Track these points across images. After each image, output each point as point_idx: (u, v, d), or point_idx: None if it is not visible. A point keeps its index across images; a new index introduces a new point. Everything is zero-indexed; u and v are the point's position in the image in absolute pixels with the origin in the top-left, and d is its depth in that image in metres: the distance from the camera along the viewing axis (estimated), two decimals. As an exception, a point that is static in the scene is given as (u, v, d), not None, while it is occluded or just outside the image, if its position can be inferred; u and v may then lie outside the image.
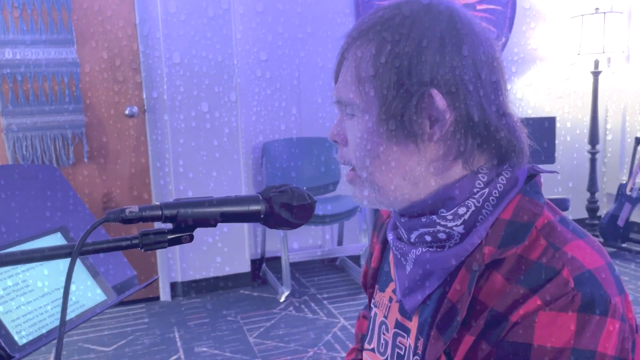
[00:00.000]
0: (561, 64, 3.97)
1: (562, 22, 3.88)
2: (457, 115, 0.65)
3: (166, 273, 3.10)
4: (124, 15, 2.91)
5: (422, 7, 0.67)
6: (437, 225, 0.69)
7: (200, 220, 0.65)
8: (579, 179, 4.08)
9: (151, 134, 3.00)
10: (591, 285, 0.61)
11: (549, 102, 4.00)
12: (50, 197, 1.14)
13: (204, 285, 3.16)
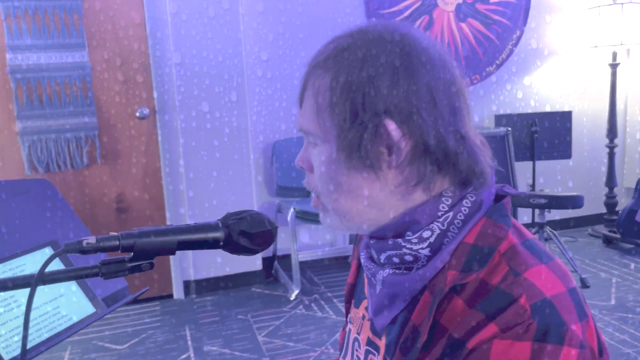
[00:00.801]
0: (578, 56, 3.88)
1: (578, 14, 3.78)
2: (413, 143, 0.65)
3: (179, 271, 3.16)
4: (133, 18, 2.95)
5: (377, 37, 0.66)
6: (403, 248, 0.69)
7: (157, 249, 0.66)
8: (597, 174, 4.00)
9: (162, 135, 3.04)
10: (547, 313, 0.60)
11: (565, 96, 3.92)
12: (42, 211, 1.17)
13: (216, 284, 3.21)
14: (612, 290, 2.97)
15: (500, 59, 3.80)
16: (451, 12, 3.66)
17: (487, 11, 3.73)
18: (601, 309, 2.77)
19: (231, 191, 3.11)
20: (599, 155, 3.97)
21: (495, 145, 3.45)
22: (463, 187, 0.68)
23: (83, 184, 2.98)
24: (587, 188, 4.00)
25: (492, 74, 3.80)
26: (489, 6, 3.73)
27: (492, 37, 3.76)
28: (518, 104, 3.86)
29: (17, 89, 2.80)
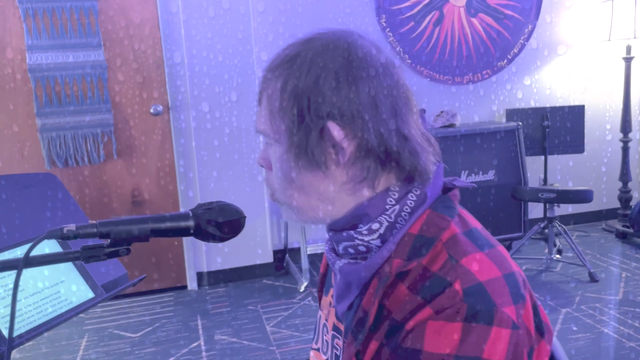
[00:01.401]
0: (591, 50, 3.84)
1: (592, 7, 3.75)
2: (356, 144, 0.70)
3: (193, 263, 3.25)
4: (147, 18, 3.04)
5: (323, 45, 0.72)
6: (355, 239, 0.74)
7: (132, 236, 0.73)
8: (610, 168, 3.97)
9: (175, 131, 3.13)
10: (478, 296, 0.65)
11: (578, 90, 3.89)
12: (48, 203, 1.25)
13: (228, 275, 3.30)
14: (621, 284, 2.96)
15: (511, 54, 3.79)
16: (462, 8, 3.66)
17: (499, 6, 3.72)
18: (607, 302, 2.77)
19: (244, 186, 3.19)
20: (613, 149, 3.93)
21: (506, 139, 3.45)
22: (408, 182, 0.73)
23: (100, 179, 3.10)
24: (600, 183, 3.97)
25: (504, 69, 3.80)
26: (501, 1, 3.72)
27: (503, 32, 3.75)
28: (530, 98, 3.85)
29: (37, 88, 2.92)
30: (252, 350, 2.49)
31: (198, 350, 2.52)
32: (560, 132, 3.60)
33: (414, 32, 3.61)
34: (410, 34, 3.61)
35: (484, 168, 3.42)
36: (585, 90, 3.89)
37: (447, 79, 3.72)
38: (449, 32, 3.67)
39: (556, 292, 2.94)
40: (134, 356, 2.50)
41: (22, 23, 2.88)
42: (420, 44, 3.64)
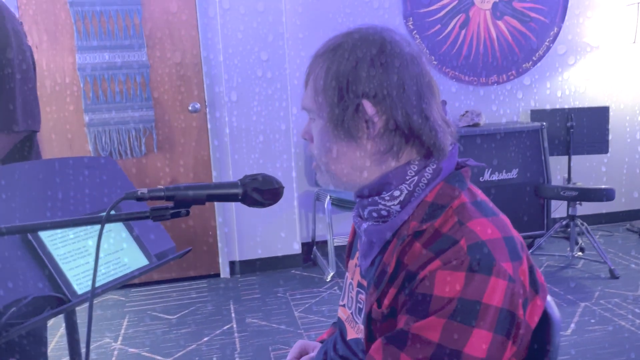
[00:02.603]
0: (617, 52, 3.89)
1: (617, 10, 3.80)
2: (385, 120, 0.85)
3: (226, 253, 3.44)
4: (187, 20, 3.24)
5: (361, 37, 0.87)
6: (379, 204, 0.89)
7: (191, 199, 0.89)
8: (636, 169, 4.00)
9: (212, 127, 3.32)
10: (480, 251, 0.78)
11: (603, 92, 3.94)
12: (107, 183, 1.43)
13: (259, 265, 3.47)
14: (641, 281, 3.02)
15: (537, 55, 3.86)
16: (488, 11, 3.76)
17: (524, 9, 3.80)
18: (626, 298, 2.83)
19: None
20: (638, 150, 3.97)
21: (530, 139, 3.54)
22: (427, 157, 0.87)
23: (141, 171, 3.31)
24: (626, 183, 4.01)
25: (529, 70, 3.88)
26: (526, 4, 3.80)
27: (528, 34, 3.84)
28: (555, 99, 3.92)
29: (85, 86, 3.14)
30: (280, 333, 2.64)
31: (231, 331, 2.70)
32: (584, 133, 3.66)
33: (440, 35, 3.73)
34: (437, 36, 3.73)
35: (507, 167, 3.51)
36: (610, 91, 3.94)
37: (472, 80, 3.82)
38: (475, 35, 3.78)
39: (576, 287, 3.02)
40: (171, 335, 2.69)
41: (72, 25, 3.10)
42: (447, 45, 3.75)
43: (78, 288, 1.17)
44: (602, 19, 3.85)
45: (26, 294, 1.05)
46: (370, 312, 0.88)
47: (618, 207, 4.04)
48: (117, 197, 1.43)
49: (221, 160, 3.36)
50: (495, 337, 0.77)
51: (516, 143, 3.52)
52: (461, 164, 0.92)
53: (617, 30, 3.80)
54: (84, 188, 1.38)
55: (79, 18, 3.09)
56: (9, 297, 1.03)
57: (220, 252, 3.44)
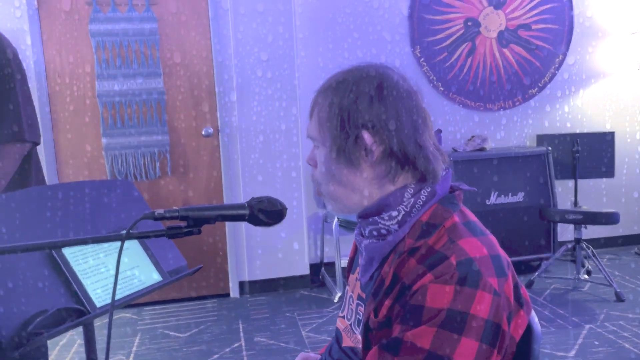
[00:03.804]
0: (621, 79, 3.96)
1: (622, 38, 3.89)
2: (382, 148, 0.94)
3: (236, 273, 3.51)
4: (202, 50, 3.39)
5: (360, 74, 0.97)
6: (378, 224, 0.97)
7: (203, 218, 0.97)
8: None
9: (223, 151, 3.44)
10: (468, 267, 0.86)
11: (609, 118, 4.00)
12: (125, 204, 1.53)
13: (268, 285, 3.54)
14: (647, 305, 3.04)
15: (542, 82, 3.95)
16: (494, 39, 3.87)
17: (530, 37, 3.91)
18: (631, 320, 2.85)
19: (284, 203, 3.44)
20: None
21: (536, 163, 3.60)
22: (422, 181, 0.96)
23: (155, 193, 3.42)
24: (633, 208, 4.04)
25: (535, 96, 3.96)
26: (531, 32, 3.90)
27: (534, 62, 3.93)
28: (560, 124, 3.99)
29: (104, 111, 3.28)
30: (288, 352, 2.70)
31: (239, 349, 2.76)
32: (590, 158, 3.72)
33: (447, 62, 3.84)
34: (444, 64, 3.83)
35: (514, 190, 3.57)
36: (616, 117, 4.00)
37: (478, 105, 3.91)
38: (481, 62, 3.88)
39: (582, 309, 3.04)
40: (182, 353, 2.76)
41: (93, 54, 3.26)
42: (453, 72, 3.85)
43: (97, 301, 1.26)
44: (607, 46, 3.94)
45: (50, 306, 1.14)
46: (368, 321, 0.95)
47: (625, 231, 4.07)
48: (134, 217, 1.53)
49: (232, 184, 3.46)
50: (481, 346, 0.84)
51: (522, 167, 3.58)
52: (455, 188, 1.01)
53: (622, 58, 3.88)
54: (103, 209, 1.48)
55: (99, 47, 3.25)
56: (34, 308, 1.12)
57: (230, 273, 3.52)
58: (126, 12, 3.27)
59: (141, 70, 3.30)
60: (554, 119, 3.99)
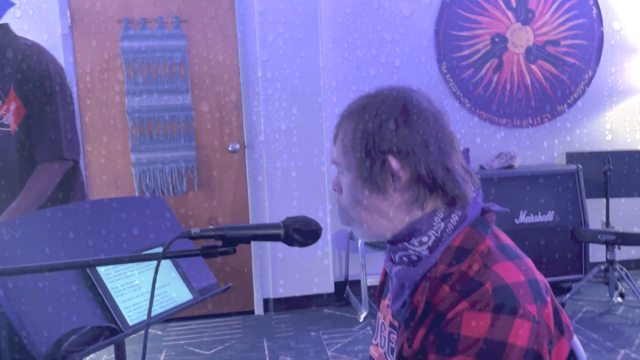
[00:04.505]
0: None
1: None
2: (410, 173, 0.92)
3: (260, 290, 3.50)
4: (229, 67, 3.42)
5: (385, 98, 0.95)
6: (409, 249, 0.95)
7: (239, 238, 0.96)
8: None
9: (249, 167, 3.45)
10: (505, 294, 0.83)
11: None
12: (157, 221, 1.53)
13: (292, 303, 3.51)
14: (685, 330, 2.93)
15: (571, 99, 3.89)
16: (521, 55, 3.83)
17: (558, 53, 3.85)
18: (669, 346, 2.75)
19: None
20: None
21: (566, 181, 3.53)
22: (451, 205, 0.93)
23: (182, 208, 3.44)
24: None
25: (564, 113, 3.90)
26: (560, 48, 3.85)
27: (563, 78, 3.87)
28: (590, 142, 3.91)
29: (133, 127, 3.33)
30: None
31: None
32: (622, 176, 3.63)
33: (473, 78, 3.80)
34: (470, 80, 3.80)
35: (543, 209, 3.50)
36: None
37: (506, 122, 3.86)
38: (508, 78, 3.84)
39: (616, 333, 2.94)
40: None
41: (123, 71, 3.31)
42: (480, 88, 3.82)
43: (129, 319, 1.25)
44: (638, 62, 3.86)
45: (84, 324, 1.14)
46: (402, 351, 0.93)
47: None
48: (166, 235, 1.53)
49: (257, 199, 3.47)
50: None
51: (552, 185, 3.51)
52: (485, 210, 0.98)
53: (654, 74, 3.80)
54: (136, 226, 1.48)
55: (129, 64, 3.30)
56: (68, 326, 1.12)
57: (255, 290, 3.50)
58: (156, 29, 3.32)
59: (170, 87, 3.34)
60: (583, 137, 3.92)
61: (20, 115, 1.72)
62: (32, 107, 1.72)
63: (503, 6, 3.78)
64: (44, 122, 1.72)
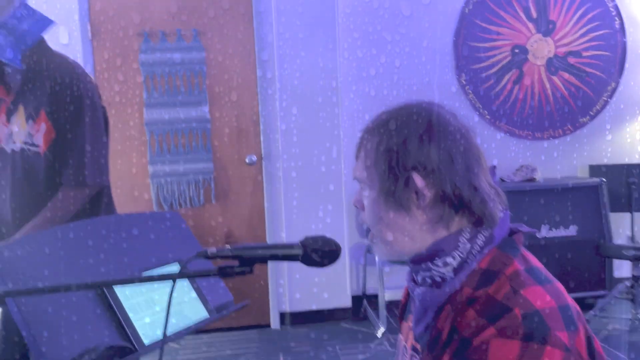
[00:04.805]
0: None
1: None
2: (435, 191, 0.88)
3: (276, 304, 3.47)
4: (247, 79, 3.42)
5: (410, 113, 0.92)
6: (432, 270, 0.91)
7: (256, 258, 0.94)
8: None
9: (266, 179, 3.43)
10: (534, 321, 0.79)
11: (666, 147, 3.82)
12: (174, 237, 1.51)
13: (309, 317, 3.47)
14: None
15: (594, 110, 3.81)
16: (542, 66, 3.77)
17: (580, 64, 3.79)
18: (699, 368, 2.65)
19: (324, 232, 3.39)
20: None
21: (589, 195, 3.45)
22: (478, 225, 0.89)
23: (199, 220, 3.43)
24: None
25: (586, 125, 3.82)
26: (582, 59, 3.79)
27: (585, 89, 3.80)
28: (614, 154, 3.82)
29: (151, 139, 3.34)
30: (330, 388, 2.62)
31: (280, 384, 2.69)
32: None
33: (493, 89, 3.75)
34: (490, 91, 3.75)
35: (565, 223, 3.42)
36: (674, 147, 3.81)
37: (527, 134, 3.80)
38: (529, 89, 3.78)
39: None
40: (222, 385, 2.71)
41: (142, 84, 3.33)
42: (500, 100, 3.76)
43: (145, 338, 1.23)
44: (662, 73, 3.78)
45: (98, 343, 1.12)
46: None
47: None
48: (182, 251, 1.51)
49: (274, 211, 3.44)
50: None
51: (574, 199, 3.43)
52: (513, 230, 0.94)
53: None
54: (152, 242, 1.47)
55: (148, 77, 3.32)
56: (83, 345, 1.10)
57: (271, 303, 3.47)
58: (175, 42, 3.34)
59: (188, 99, 3.35)
60: (606, 149, 3.83)
61: (50, 137, 1.70)
62: (61, 129, 1.68)
63: (523, 17, 3.73)
64: (70, 146, 1.69)
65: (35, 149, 1.70)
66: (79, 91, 1.70)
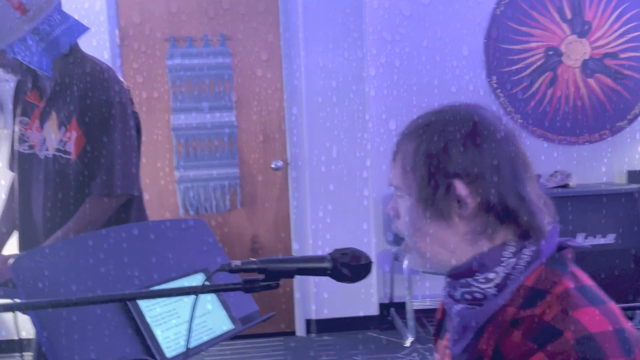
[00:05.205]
0: None
1: None
2: (478, 200, 0.81)
3: (302, 311, 3.42)
4: (273, 84, 3.39)
5: (451, 116, 0.85)
6: (472, 286, 0.85)
7: (282, 272, 0.89)
8: None
9: (292, 185, 3.39)
10: (588, 346, 0.72)
11: None
12: (199, 245, 1.48)
13: (335, 324, 3.41)
14: None
15: (632, 114, 3.67)
16: (577, 69, 3.65)
17: (617, 66, 3.65)
18: None
19: (350, 239, 3.34)
20: None
21: (628, 202, 3.31)
22: (524, 238, 0.82)
23: (225, 226, 3.41)
24: None
25: (624, 129, 3.68)
26: (619, 61, 3.65)
27: (622, 92, 3.66)
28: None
29: (178, 144, 3.33)
30: (358, 400, 2.55)
31: (306, 394, 2.64)
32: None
33: (525, 93, 3.64)
34: (522, 95, 3.64)
35: (602, 231, 3.29)
36: None
37: (561, 139, 3.68)
38: (564, 93, 3.66)
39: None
40: (247, 394, 2.67)
41: (169, 89, 3.33)
42: (533, 104, 3.65)
43: (168, 351, 1.19)
44: None
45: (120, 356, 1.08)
46: (466, 401, 0.82)
47: None
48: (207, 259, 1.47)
49: (300, 217, 3.40)
50: None
51: (612, 206, 3.30)
52: (562, 245, 0.87)
53: None
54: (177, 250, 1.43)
55: (175, 83, 3.32)
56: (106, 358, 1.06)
57: (297, 310, 3.42)
58: (202, 47, 3.34)
59: (215, 104, 3.34)
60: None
61: (80, 144, 1.68)
62: (91, 137, 1.66)
63: (557, 18, 3.61)
64: (99, 155, 1.66)
65: (67, 156, 1.69)
66: (108, 98, 1.67)
